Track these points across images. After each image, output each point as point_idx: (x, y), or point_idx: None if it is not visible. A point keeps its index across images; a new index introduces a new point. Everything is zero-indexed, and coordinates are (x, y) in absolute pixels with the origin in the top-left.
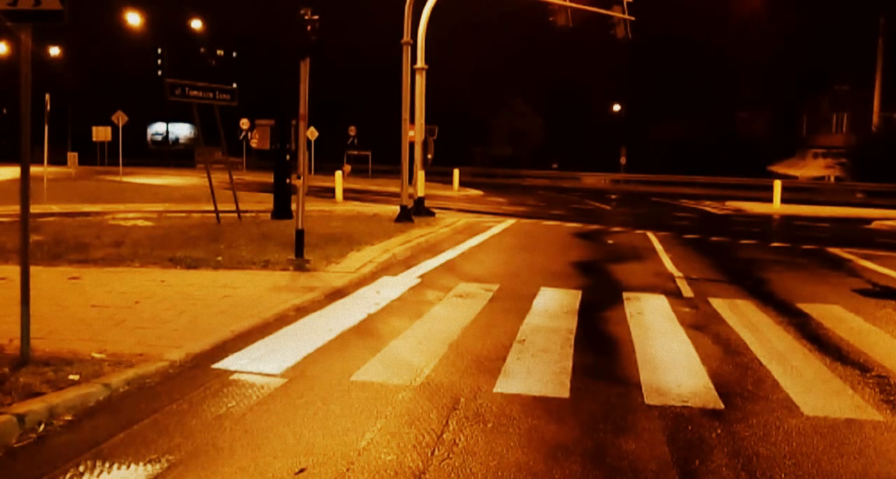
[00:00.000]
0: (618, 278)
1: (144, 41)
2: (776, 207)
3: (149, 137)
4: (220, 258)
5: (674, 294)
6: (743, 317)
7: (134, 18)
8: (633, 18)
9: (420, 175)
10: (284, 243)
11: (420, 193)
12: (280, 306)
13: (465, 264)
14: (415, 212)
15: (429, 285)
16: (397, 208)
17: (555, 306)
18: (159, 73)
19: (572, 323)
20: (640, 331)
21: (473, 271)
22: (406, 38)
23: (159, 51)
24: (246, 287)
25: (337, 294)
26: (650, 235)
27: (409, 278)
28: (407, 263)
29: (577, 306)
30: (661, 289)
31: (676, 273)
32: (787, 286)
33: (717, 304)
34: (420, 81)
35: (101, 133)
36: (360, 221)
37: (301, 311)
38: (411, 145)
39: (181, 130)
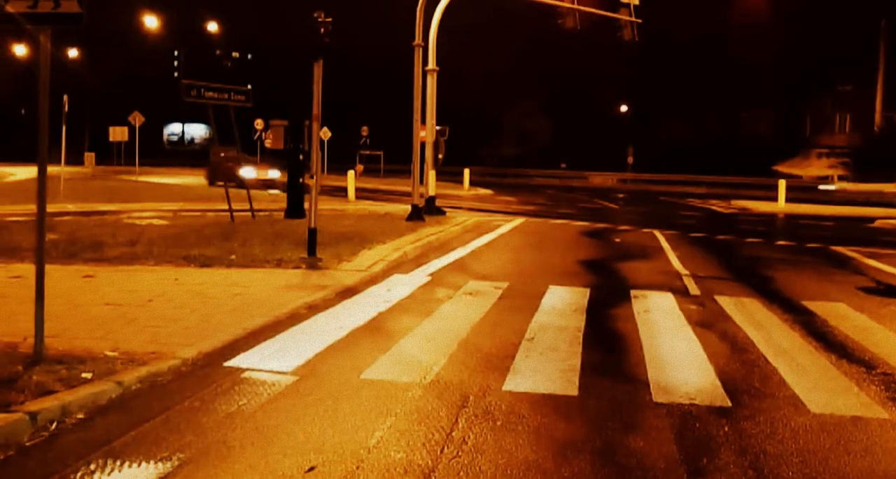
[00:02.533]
0: (625, 277)
1: (161, 44)
2: (781, 206)
3: (165, 137)
4: (233, 257)
5: (681, 292)
6: (749, 315)
7: (151, 21)
8: (639, 21)
9: (431, 175)
10: (297, 242)
11: (431, 193)
12: (292, 304)
13: (474, 262)
14: (426, 211)
15: (439, 283)
16: (408, 207)
17: (563, 304)
18: (176, 74)
19: (580, 321)
20: (648, 329)
21: (483, 270)
22: (417, 40)
23: (176, 53)
24: (258, 285)
25: (348, 292)
26: (657, 233)
27: (420, 276)
28: (417, 261)
29: (585, 303)
30: (668, 287)
31: (683, 271)
32: (792, 284)
33: (724, 302)
34: (431, 82)
35: (117, 133)
36: (372, 219)
37: (313, 309)
38: (422, 145)
39: (197, 131)
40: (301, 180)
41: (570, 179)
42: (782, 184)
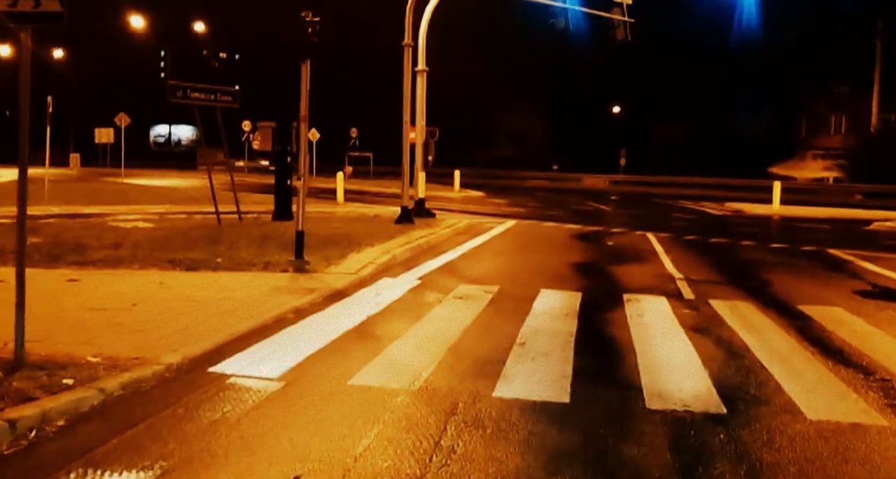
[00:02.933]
0: (618, 280)
1: (148, 43)
2: (776, 208)
3: (151, 138)
4: (219, 260)
5: (674, 296)
6: (744, 319)
7: (138, 21)
8: (633, 20)
9: (421, 176)
10: (285, 245)
11: (421, 195)
12: (279, 309)
13: (465, 265)
14: (416, 213)
15: (429, 286)
16: (398, 210)
17: (555, 309)
18: (162, 75)
19: (573, 325)
20: (641, 333)
21: (473, 273)
22: (407, 40)
23: (162, 53)
24: (245, 289)
25: (336, 296)
26: (650, 236)
27: (409, 279)
28: (407, 264)
29: (577, 307)
30: (661, 291)
31: (677, 275)
32: (788, 288)
33: (718, 306)
34: (421, 83)
35: (103, 135)
36: (361, 222)
37: (300, 313)
38: (412, 147)
39: (183, 132)
40: (288, 182)
41: (563, 180)
42: (777, 185)
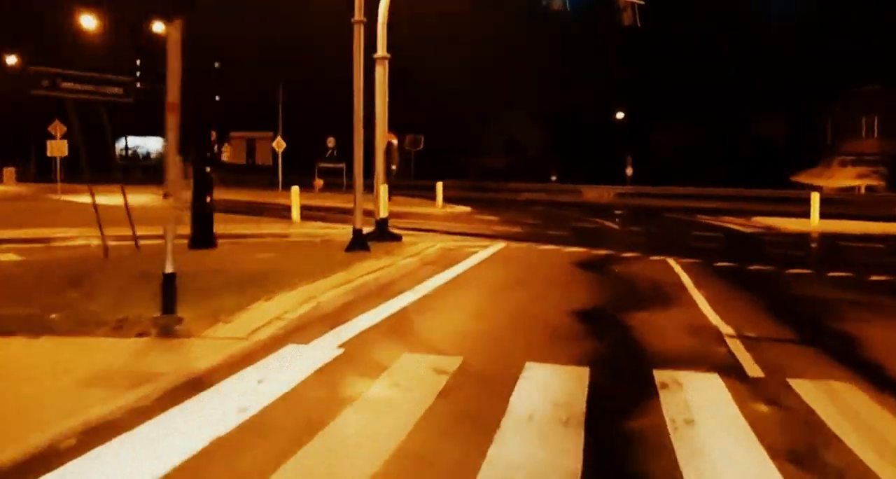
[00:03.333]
0: (641, 339)
1: (118, 50)
2: (814, 223)
3: (118, 151)
4: (54, 316)
5: (732, 372)
6: (859, 422)
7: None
8: (641, 2)
9: (382, 190)
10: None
11: (383, 214)
12: (67, 423)
13: (420, 317)
14: (377, 236)
15: (352, 360)
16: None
17: (546, 406)
18: (138, 84)
19: (575, 451)
20: (696, 467)
21: (429, 331)
22: (358, 16)
23: (138, 62)
24: (49, 375)
25: (189, 387)
26: (672, 262)
27: (326, 347)
28: (334, 318)
29: (583, 405)
30: (709, 361)
31: (724, 328)
32: (891, 348)
33: (807, 392)
34: (381, 73)
35: (55, 148)
36: (303, 249)
37: (93, 433)
38: (370, 154)
39: (153, 144)
40: (208, 199)
41: (562, 193)
42: (815, 197)
